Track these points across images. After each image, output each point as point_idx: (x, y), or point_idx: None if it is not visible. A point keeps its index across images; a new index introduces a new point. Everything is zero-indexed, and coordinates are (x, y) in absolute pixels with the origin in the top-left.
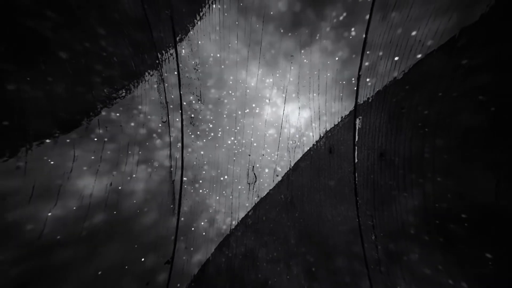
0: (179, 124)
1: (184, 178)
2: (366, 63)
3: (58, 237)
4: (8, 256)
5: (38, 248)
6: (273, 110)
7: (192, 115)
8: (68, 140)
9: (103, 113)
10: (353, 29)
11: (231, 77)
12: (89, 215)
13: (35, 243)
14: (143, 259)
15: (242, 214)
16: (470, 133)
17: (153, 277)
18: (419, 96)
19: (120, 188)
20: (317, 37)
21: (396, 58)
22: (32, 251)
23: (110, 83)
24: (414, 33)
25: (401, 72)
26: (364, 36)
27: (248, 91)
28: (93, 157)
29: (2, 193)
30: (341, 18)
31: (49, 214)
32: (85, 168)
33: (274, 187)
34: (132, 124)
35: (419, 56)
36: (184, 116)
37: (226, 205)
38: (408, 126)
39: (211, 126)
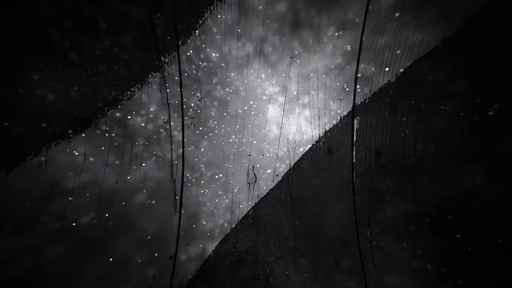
0: (181, 124)
1: (188, 175)
2: (361, 68)
3: (73, 225)
4: (33, 247)
5: (57, 239)
6: (273, 110)
7: (193, 116)
8: (79, 139)
9: (110, 113)
10: (348, 44)
11: (232, 78)
12: (100, 208)
13: (54, 235)
14: (148, 253)
15: (242, 213)
16: (451, 138)
17: (158, 270)
18: (409, 99)
19: (125, 185)
20: (316, 42)
21: (387, 69)
22: (51, 242)
23: (117, 86)
24: (403, 41)
25: (393, 76)
26: (359, 42)
27: (248, 91)
28: (101, 155)
29: (28, 187)
30: (336, 34)
31: (66, 206)
32: (93, 165)
33: (274, 186)
34: (136, 124)
35: (408, 63)
36: (185, 116)
37: (226, 204)
38: (401, 128)
39: (211, 126)
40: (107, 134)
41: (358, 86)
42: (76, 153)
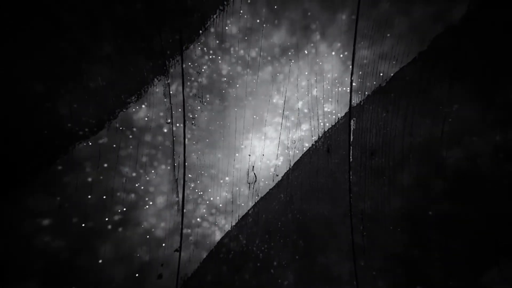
0: (182, 125)
1: (189, 174)
2: (355, 72)
3: (94, 223)
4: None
5: (81, 235)
6: (273, 111)
7: (194, 117)
8: (94, 141)
9: (120, 116)
10: (343, 50)
11: (233, 80)
12: (113, 206)
13: (79, 230)
14: (156, 245)
15: (242, 212)
16: (433, 136)
17: (166, 261)
18: (398, 102)
19: (133, 183)
20: (315, 47)
21: (381, 74)
22: (78, 237)
23: (127, 90)
24: (389, 50)
25: (383, 81)
26: (352, 49)
27: (248, 93)
28: (111, 155)
29: (64, 183)
30: (336, 43)
31: (88, 203)
32: (106, 165)
33: (274, 186)
34: (142, 125)
35: (395, 69)
36: (187, 117)
37: (226, 203)
38: (392, 128)
39: (212, 126)
40: (117, 135)
41: (353, 89)
42: (93, 154)
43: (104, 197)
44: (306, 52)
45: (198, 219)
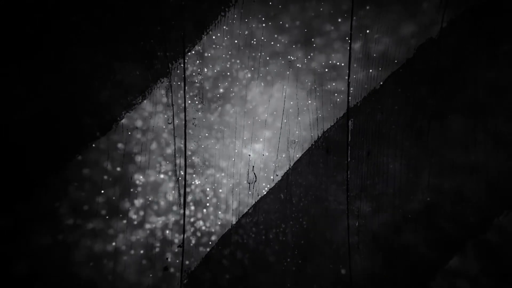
0: (183, 125)
1: (189, 174)
2: (352, 74)
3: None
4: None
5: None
6: (273, 111)
7: (195, 117)
8: (103, 140)
9: (126, 117)
10: (340, 53)
11: (232, 80)
12: (120, 202)
13: (95, 221)
14: (160, 241)
15: (241, 212)
16: (422, 137)
17: (170, 255)
18: (392, 104)
19: (137, 180)
20: (314, 50)
21: (372, 71)
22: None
23: (132, 93)
24: (382, 55)
25: (378, 84)
26: (348, 53)
27: (248, 93)
28: (118, 156)
29: (81, 178)
30: (334, 46)
31: (100, 199)
32: (110, 164)
33: (274, 186)
34: (146, 125)
35: (386, 74)
36: (187, 118)
37: (226, 203)
38: (386, 129)
39: (212, 126)
40: (122, 134)
41: (351, 91)
42: (102, 154)
43: (110, 194)
44: (307, 57)
45: (199, 218)
